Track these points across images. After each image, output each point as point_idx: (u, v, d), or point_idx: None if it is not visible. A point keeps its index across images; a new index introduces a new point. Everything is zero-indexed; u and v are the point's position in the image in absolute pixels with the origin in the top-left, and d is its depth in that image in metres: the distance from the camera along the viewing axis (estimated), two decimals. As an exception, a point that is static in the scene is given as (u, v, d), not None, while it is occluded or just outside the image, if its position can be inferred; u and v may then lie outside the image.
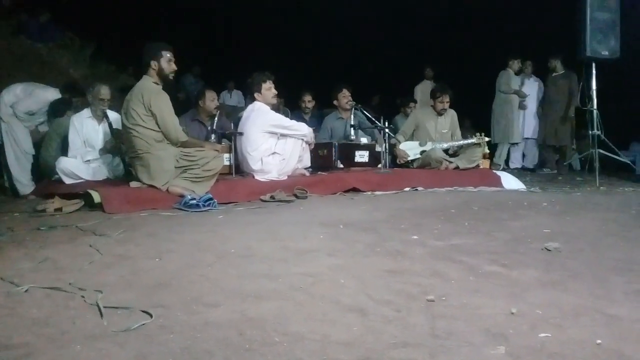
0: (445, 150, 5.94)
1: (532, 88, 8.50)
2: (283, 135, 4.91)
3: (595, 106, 6.27)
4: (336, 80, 6.57)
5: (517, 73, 8.45)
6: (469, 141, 5.97)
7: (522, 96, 8.36)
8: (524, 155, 8.79)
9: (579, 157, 8.09)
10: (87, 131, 5.09)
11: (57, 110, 5.47)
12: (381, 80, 11.19)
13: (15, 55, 7.88)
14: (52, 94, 5.37)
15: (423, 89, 8.99)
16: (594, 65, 6.26)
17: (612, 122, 6.54)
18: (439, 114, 6.14)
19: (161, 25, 10.24)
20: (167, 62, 4.31)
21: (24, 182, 5.26)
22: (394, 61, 11.42)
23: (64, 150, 5.15)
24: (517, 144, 8.54)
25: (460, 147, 6.01)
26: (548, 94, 8.12)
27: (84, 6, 9.65)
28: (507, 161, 8.55)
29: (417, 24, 10.96)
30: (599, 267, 2.38)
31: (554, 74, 8.00)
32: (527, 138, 8.62)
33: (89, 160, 4.99)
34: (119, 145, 4.87)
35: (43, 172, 5.35)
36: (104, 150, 5.08)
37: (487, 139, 6.03)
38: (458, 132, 6.27)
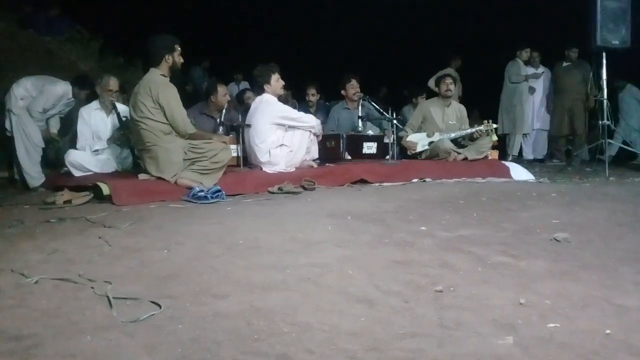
0: (455, 141, 5.89)
1: (540, 78, 8.42)
2: (291, 127, 4.90)
3: (605, 96, 6.22)
4: (343, 71, 6.53)
5: (525, 63, 8.37)
6: (477, 128, 5.87)
7: (536, 77, 8.28)
8: (532, 146, 8.71)
9: (588, 147, 8.01)
10: (95, 123, 5.12)
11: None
12: (389, 71, 11.14)
13: (22, 48, 7.89)
14: (62, 87, 5.38)
15: None
16: (604, 54, 6.19)
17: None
18: (445, 96, 6.06)
19: (169, 18, 10.22)
20: (178, 55, 4.33)
21: (33, 174, 5.29)
22: (402, 52, 11.36)
23: (72, 143, 5.19)
24: (527, 135, 8.46)
25: (469, 135, 5.94)
26: (560, 84, 8.02)
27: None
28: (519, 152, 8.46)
29: (425, 15, 10.89)
30: (608, 258, 2.37)
31: (566, 64, 7.91)
32: (537, 129, 8.55)
33: (97, 151, 5.01)
34: (128, 136, 4.88)
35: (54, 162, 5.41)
36: (112, 140, 5.10)
37: (495, 125, 5.96)
38: (467, 126, 6.17)
